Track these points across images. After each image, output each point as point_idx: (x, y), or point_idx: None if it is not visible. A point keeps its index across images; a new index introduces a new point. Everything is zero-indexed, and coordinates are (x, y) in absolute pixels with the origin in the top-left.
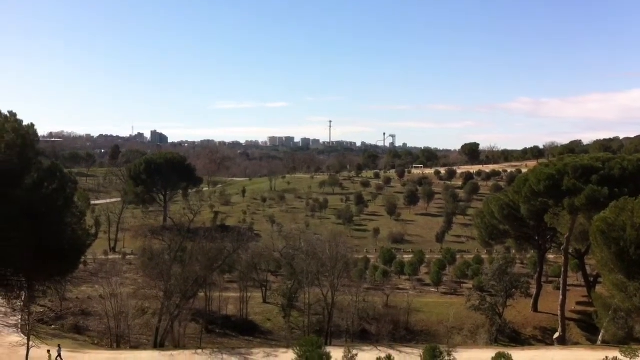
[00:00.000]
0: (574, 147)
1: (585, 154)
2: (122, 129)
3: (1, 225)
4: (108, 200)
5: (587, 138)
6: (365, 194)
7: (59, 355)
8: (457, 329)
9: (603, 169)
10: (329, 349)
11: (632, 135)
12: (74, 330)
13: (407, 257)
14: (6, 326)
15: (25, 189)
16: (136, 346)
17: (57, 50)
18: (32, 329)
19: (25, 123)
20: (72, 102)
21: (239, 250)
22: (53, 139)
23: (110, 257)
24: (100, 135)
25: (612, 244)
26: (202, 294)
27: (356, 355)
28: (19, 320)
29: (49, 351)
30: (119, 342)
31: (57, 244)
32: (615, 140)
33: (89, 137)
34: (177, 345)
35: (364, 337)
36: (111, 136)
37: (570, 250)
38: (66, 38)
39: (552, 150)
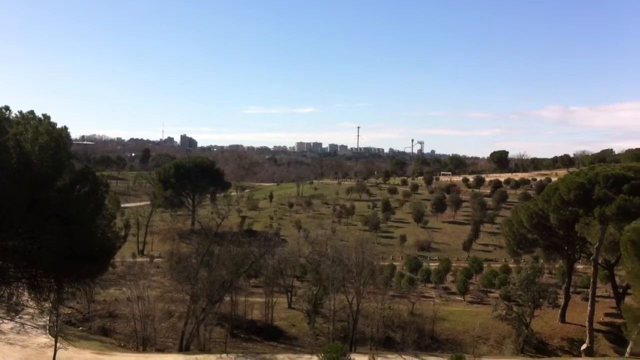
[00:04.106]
0: (605, 156)
1: (616, 163)
2: (153, 133)
3: (33, 227)
4: (137, 204)
5: (619, 147)
6: (392, 200)
7: None
8: (483, 339)
9: (635, 178)
10: (353, 355)
11: None
12: (101, 332)
13: (434, 265)
14: (34, 327)
15: (57, 191)
16: (162, 349)
17: (91, 55)
18: (59, 331)
19: (58, 126)
20: (104, 106)
21: (265, 255)
22: (85, 142)
23: (138, 260)
24: (131, 139)
25: None
26: (228, 299)
27: None
28: (47, 322)
29: None
30: (145, 344)
31: (88, 247)
32: None
33: (119, 141)
34: (203, 349)
35: (389, 345)
36: (141, 140)
37: (599, 261)
38: (100, 42)
39: (583, 159)
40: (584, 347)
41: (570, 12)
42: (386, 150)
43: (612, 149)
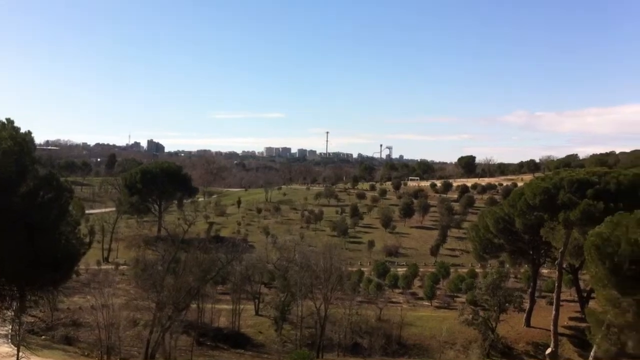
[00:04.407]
0: (570, 161)
1: (581, 168)
2: (119, 138)
3: None
4: (103, 210)
5: (583, 152)
6: (360, 205)
7: None
8: (450, 344)
9: (599, 183)
10: None
11: (628, 150)
12: (64, 341)
13: (401, 270)
14: None
15: (20, 197)
16: (126, 358)
17: (55, 58)
18: (22, 340)
19: (22, 130)
20: (69, 110)
21: (233, 261)
22: (49, 147)
23: (103, 267)
24: (97, 144)
25: (607, 259)
26: (194, 306)
27: None
28: (9, 331)
29: None
30: (109, 353)
31: (51, 253)
32: (611, 154)
33: (85, 146)
34: (168, 358)
35: (356, 351)
36: (108, 145)
37: (564, 265)
38: (64, 46)
39: (548, 164)
40: (548, 351)
41: (536, 19)
42: (355, 156)
43: (577, 154)
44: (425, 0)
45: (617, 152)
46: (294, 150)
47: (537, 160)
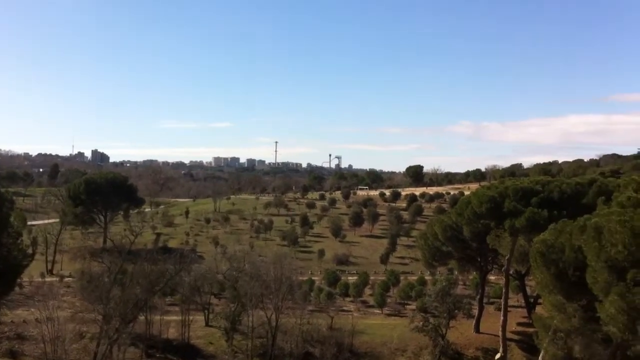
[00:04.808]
0: (515, 170)
1: (525, 177)
2: (62, 148)
3: None
4: (46, 221)
5: (528, 161)
6: (310, 215)
7: None
8: (401, 351)
9: (542, 191)
10: None
11: (571, 159)
12: (9, 355)
13: (352, 279)
14: None
15: None
16: None
17: None
18: None
19: None
20: (10, 118)
21: (181, 272)
22: None
23: (48, 279)
24: (39, 154)
25: (552, 266)
26: (142, 318)
27: None
28: None
29: None
30: None
31: None
32: (555, 164)
33: (27, 156)
34: None
35: None
36: (50, 155)
37: (511, 272)
38: (5, 52)
39: (494, 173)
40: (498, 356)
41: (478, 29)
42: (304, 165)
43: (521, 164)
44: (369, 11)
45: (560, 161)
46: (242, 160)
47: (483, 170)
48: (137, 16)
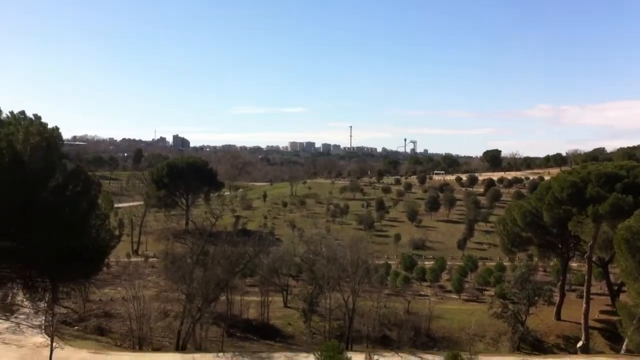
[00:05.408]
0: (597, 155)
1: (608, 162)
2: (145, 133)
3: (26, 226)
4: (131, 204)
5: (610, 146)
6: (386, 199)
7: None
8: (479, 336)
9: (627, 177)
10: (349, 354)
11: None
12: (97, 331)
13: (428, 264)
14: (30, 327)
15: (49, 191)
16: (158, 348)
17: (82, 55)
18: (55, 330)
19: (49, 126)
20: (96, 106)
21: (260, 254)
22: (77, 143)
23: (133, 259)
24: (123, 139)
25: (637, 252)
26: (223, 298)
27: None
28: (43, 321)
29: None
30: (141, 344)
31: (81, 246)
32: (639, 148)
33: (112, 141)
34: (199, 348)
35: (385, 343)
36: (134, 140)
37: (593, 259)
38: (91, 43)
39: (575, 158)
40: (579, 344)
41: (558, 12)
42: (379, 150)
43: (604, 148)
44: None
45: None
46: (318, 144)
47: (564, 154)
48: (210, 5)
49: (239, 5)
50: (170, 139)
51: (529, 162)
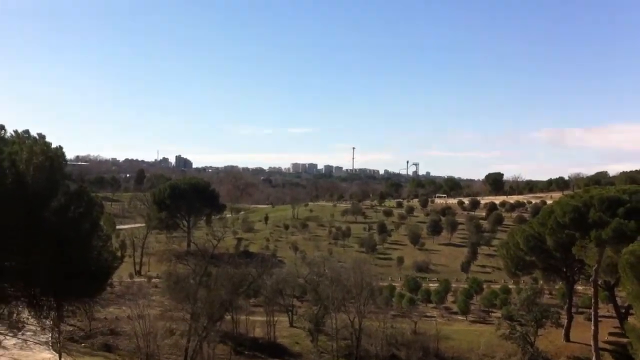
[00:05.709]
0: (600, 179)
1: (611, 186)
2: (147, 153)
3: (29, 246)
4: (132, 225)
5: (613, 169)
6: (387, 222)
7: None
8: (489, 357)
9: (629, 201)
10: None
11: None
12: (104, 348)
13: (433, 286)
14: (37, 343)
15: (52, 211)
16: None
17: (87, 74)
18: (63, 347)
19: (53, 146)
20: (99, 126)
21: (263, 275)
22: (80, 163)
23: (136, 280)
24: (126, 159)
25: None
26: (228, 317)
27: None
28: (50, 338)
29: None
30: None
31: (84, 266)
32: None
33: (114, 161)
34: None
35: None
36: (136, 160)
37: (599, 282)
38: (93, 63)
39: (578, 182)
40: None
41: (562, 33)
42: (381, 172)
43: (606, 172)
44: (450, 18)
45: None
46: (320, 166)
47: (566, 178)
48: (215, 22)
49: (244, 23)
50: (172, 160)
51: (531, 186)
